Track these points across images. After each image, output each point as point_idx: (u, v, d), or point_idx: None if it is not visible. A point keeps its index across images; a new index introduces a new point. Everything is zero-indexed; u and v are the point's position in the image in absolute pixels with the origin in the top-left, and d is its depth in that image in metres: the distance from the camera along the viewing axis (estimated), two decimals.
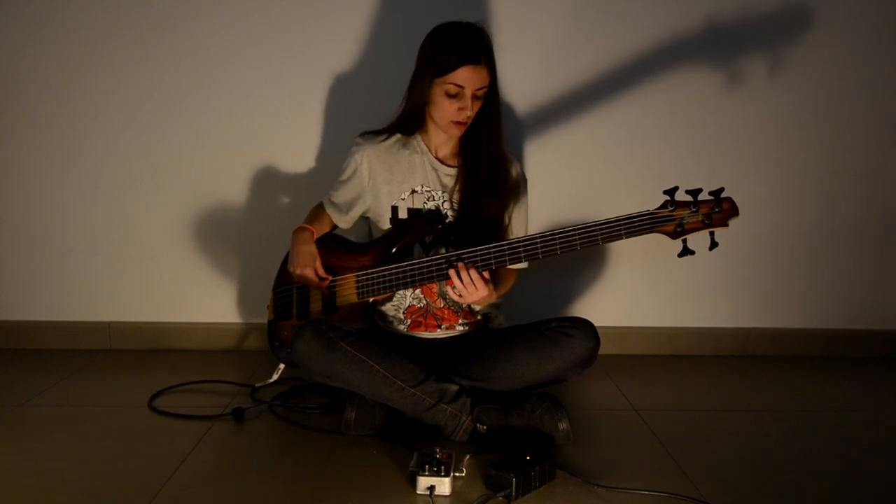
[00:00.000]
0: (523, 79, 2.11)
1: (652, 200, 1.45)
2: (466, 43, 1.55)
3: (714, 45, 2.11)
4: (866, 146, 2.21)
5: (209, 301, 2.23)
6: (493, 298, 1.59)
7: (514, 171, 1.74)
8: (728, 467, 1.48)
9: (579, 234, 1.46)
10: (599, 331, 1.59)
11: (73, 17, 2.07)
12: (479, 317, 1.78)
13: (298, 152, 2.16)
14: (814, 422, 1.76)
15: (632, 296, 2.27)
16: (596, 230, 1.45)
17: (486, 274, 1.53)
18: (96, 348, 2.24)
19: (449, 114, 1.59)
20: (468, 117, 1.60)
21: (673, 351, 2.30)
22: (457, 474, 1.36)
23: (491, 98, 1.63)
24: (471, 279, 1.51)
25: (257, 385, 1.89)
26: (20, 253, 2.21)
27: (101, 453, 1.50)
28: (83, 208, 2.18)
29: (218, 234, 2.20)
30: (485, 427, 1.56)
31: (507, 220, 1.73)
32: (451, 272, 1.52)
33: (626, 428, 1.69)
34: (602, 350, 1.60)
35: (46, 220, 2.19)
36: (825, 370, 2.18)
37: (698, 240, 1.42)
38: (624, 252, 2.22)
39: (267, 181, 2.17)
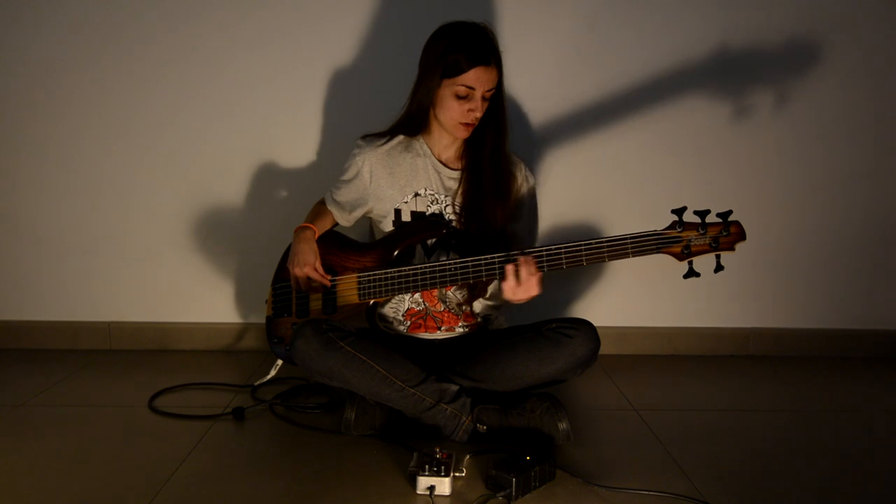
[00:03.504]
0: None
1: (658, 217, 1.44)
2: (476, 43, 1.55)
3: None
4: (866, 147, 2.21)
5: (209, 301, 2.23)
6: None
7: (520, 173, 1.72)
8: (728, 467, 1.48)
9: (586, 250, 1.46)
10: (599, 331, 1.59)
11: (73, 17, 2.07)
12: (479, 318, 1.78)
13: (298, 152, 2.16)
14: (814, 422, 1.76)
15: (632, 296, 2.27)
16: (602, 248, 1.45)
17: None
18: (96, 348, 2.24)
19: (457, 115, 1.58)
20: (477, 118, 1.59)
21: (673, 351, 2.30)
22: (457, 474, 1.36)
23: (497, 100, 1.62)
24: (528, 276, 1.46)
25: (256, 384, 1.89)
26: (20, 253, 2.21)
27: (101, 453, 1.50)
28: (83, 208, 2.18)
29: (217, 234, 2.20)
30: (485, 427, 1.55)
31: (510, 225, 1.71)
32: (509, 268, 1.48)
33: (626, 428, 1.69)
34: (602, 350, 1.60)
35: (46, 220, 2.19)
36: (825, 370, 2.18)
37: (703, 258, 1.42)
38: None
39: (267, 181, 2.17)
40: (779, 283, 2.29)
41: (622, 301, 2.27)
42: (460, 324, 1.74)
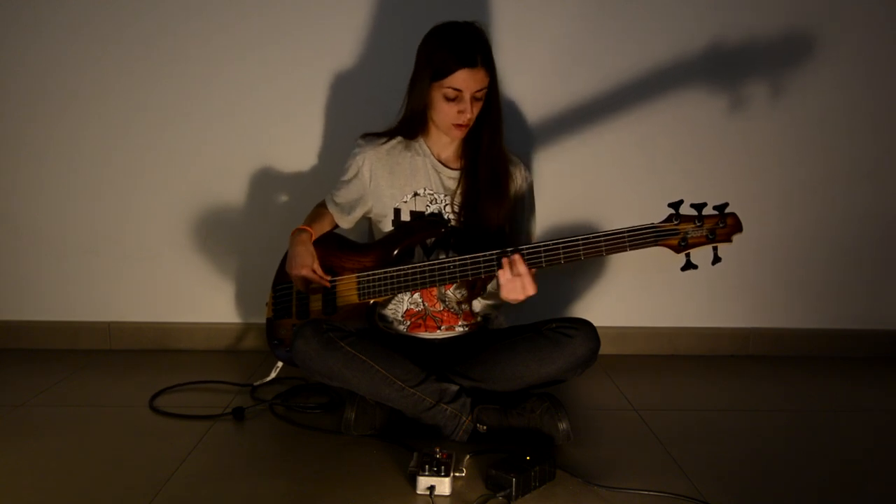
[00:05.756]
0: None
1: (656, 211, 1.45)
2: (463, 45, 1.54)
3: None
4: (866, 147, 2.21)
5: (209, 301, 2.23)
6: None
7: (517, 172, 1.73)
8: (728, 467, 1.48)
9: (584, 244, 1.46)
10: (599, 331, 1.59)
11: (73, 17, 2.07)
12: (479, 318, 1.78)
13: (298, 152, 2.16)
14: (814, 422, 1.76)
15: (632, 296, 2.27)
16: (600, 242, 1.45)
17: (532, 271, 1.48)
18: (96, 348, 2.24)
19: (449, 117, 1.59)
20: (468, 120, 1.59)
21: (673, 351, 2.30)
22: (457, 474, 1.36)
23: (491, 99, 1.62)
24: (520, 273, 1.45)
25: (256, 384, 1.89)
26: (20, 253, 2.21)
27: (101, 453, 1.50)
28: (83, 208, 2.18)
29: (217, 234, 2.20)
30: (485, 427, 1.55)
31: (508, 223, 1.72)
32: (505, 262, 1.47)
33: (626, 428, 1.69)
34: (602, 350, 1.59)
35: (46, 221, 2.19)
36: (825, 370, 2.18)
37: (701, 253, 1.42)
38: (624, 253, 2.21)
39: (267, 181, 2.17)
40: (779, 282, 2.29)
41: (622, 301, 2.27)
42: (460, 323, 1.73)
